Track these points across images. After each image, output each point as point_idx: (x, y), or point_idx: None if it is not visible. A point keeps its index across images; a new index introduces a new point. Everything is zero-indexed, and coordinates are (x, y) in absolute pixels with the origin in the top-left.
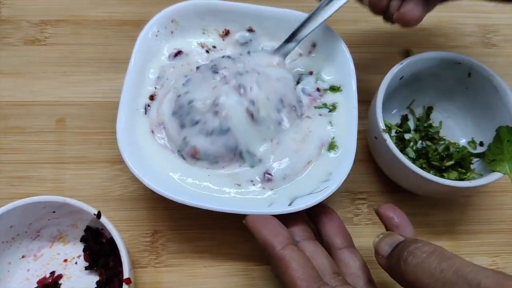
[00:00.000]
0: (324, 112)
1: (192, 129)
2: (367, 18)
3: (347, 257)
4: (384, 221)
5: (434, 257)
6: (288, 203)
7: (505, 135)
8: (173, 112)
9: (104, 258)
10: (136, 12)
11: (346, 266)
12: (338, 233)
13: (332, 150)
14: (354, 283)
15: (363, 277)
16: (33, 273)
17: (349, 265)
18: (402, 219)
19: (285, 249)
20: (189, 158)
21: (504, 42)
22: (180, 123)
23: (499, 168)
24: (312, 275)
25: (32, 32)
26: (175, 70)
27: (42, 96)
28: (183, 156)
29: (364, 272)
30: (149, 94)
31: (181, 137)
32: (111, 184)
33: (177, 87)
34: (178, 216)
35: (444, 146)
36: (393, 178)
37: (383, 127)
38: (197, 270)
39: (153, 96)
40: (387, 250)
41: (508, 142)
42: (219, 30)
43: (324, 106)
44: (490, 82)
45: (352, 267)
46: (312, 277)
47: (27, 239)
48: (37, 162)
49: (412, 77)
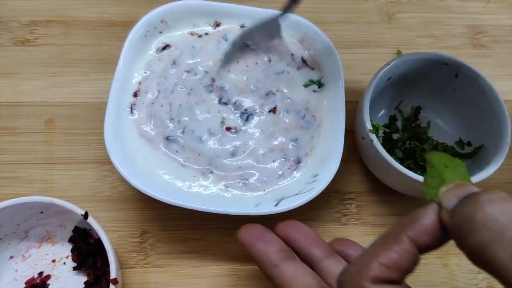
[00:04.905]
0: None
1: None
2: (356, 19)
3: (331, 266)
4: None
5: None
6: (274, 204)
7: (439, 161)
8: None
9: (92, 259)
10: (126, 12)
11: (333, 276)
12: (314, 244)
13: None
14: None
15: None
16: (21, 273)
17: (336, 274)
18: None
19: (277, 268)
20: (177, 140)
21: (493, 43)
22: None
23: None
24: (310, 285)
25: (21, 33)
26: (161, 62)
27: (31, 97)
28: (171, 141)
29: None
30: (133, 92)
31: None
32: (100, 184)
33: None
34: (167, 217)
35: (431, 146)
36: (381, 178)
37: (370, 128)
38: (185, 270)
39: (137, 93)
40: (453, 202)
41: (447, 167)
42: (210, 23)
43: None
44: (477, 83)
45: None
46: (311, 286)
47: (15, 239)
48: (25, 163)
49: (400, 77)
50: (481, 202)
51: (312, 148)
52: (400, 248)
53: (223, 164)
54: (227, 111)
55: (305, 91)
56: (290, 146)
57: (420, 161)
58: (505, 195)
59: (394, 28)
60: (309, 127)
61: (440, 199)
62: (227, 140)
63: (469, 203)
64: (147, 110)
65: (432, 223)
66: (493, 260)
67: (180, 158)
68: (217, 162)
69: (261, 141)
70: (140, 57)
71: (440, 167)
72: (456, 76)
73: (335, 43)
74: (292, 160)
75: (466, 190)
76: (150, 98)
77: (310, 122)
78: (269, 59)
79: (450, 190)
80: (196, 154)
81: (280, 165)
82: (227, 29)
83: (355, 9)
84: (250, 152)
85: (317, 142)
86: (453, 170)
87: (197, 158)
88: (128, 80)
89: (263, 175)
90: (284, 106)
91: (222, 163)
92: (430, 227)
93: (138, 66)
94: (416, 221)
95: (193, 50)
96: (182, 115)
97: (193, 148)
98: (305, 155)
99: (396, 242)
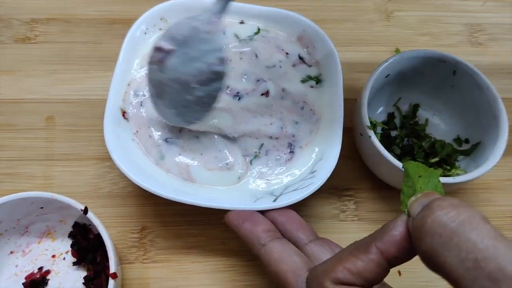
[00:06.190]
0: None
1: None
2: (355, 17)
3: (316, 250)
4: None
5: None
6: (273, 199)
7: (414, 170)
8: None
9: (91, 254)
10: (126, 10)
11: (317, 260)
12: (300, 229)
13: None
14: None
15: None
16: (21, 268)
17: (319, 259)
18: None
19: (264, 247)
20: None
21: (491, 41)
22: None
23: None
24: (298, 265)
25: (22, 30)
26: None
27: (32, 94)
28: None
29: None
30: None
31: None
32: (101, 180)
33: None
34: (167, 213)
35: (429, 143)
36: (379, 174)
37: (368, 124)
38: (185, 266)
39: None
40: (417, 211)
41: (420, 177)
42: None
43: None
44: (475, 80)
45: (323, 260)
46: (298, 267)
47: (16, 235)
48: (26, 159)
49: (398, 75)
50: (432, 208)
51: (310, 142)
52: (367, 258)
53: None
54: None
55: (302, 85)
56: (288, 130)
57: (418, 158)
58: (456, 202)
59: (392, 26)
60: (308, 120)
61: (408, 209)
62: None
63: (423, 209)
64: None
65: (400, 233)
66: (443, 264)
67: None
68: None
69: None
70: (139, 54)
71: (414, 177)
72: (454, 74)
73: (334, 41)
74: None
75: (430, 198)
76: (147, 95)
77: (309, 115)
78: (255, 55)
79: (418, 200)
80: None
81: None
82: (226, 23)
83: (354, 7)
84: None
85: (315, 137)
86: (426, 179)
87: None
88: (127, 77)
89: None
90: (278, 93)
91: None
92: (399, 238)
93: (137, 63)
94: (386, 232)
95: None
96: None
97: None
98: (300, 148)
99: (365, 251)
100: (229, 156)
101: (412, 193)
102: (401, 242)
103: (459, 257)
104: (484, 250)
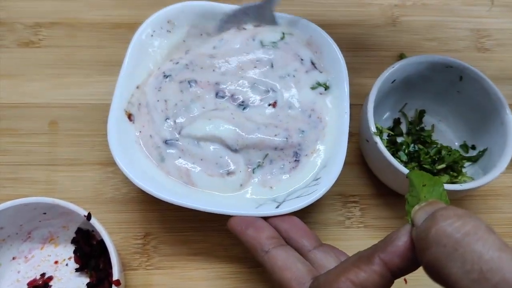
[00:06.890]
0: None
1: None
2: (361, 22)
3: (320, 257)
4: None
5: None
6: (275, 206)
7: (418, 180)
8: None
9: (94, 260)
10: (130, 15)
11: (321, 267)
12: (303, 235)
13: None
14: None
15: None
16: (24, 274)
17: (324, 266)
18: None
19: (268, 254)
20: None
21: (497, 46)
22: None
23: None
24: (301, 273)
25: (26, 35)
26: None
27: (35, 98)
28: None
29: None
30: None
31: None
32: (104, 186)
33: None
34: (170, 219)
35: (436, 150)
36: (385, 181)
37: (374, 130)
38: (188, 273)
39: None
40: (421, 221)
41: (425, 186)
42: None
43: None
44: (482, 86)
45: (327, 268)
46: (302, 274)
47: (18, 240)
48: (29, 164)
49: (404, 80)
50: (436, 218)
51: (315, 149)
52: (370, 269)
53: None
54: (224, 103)
55: (311, 92)
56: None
57: (425, 165)
58: (461, 212)
59: (398, 32)
60: (314, 128)
61: (412, 218)
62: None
63: (427, 219)
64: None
65: (404, 244)
66: (447, 275)
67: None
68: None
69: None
70: (145, 58)
71: (419, 186)
72: (460, 79)
73: (340, 46)
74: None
75: (434, 207)
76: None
77: (316, 122)
78: (271, 64)
79: (422, 208)
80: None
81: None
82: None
83: (360, 13)
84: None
85: (321, 144)
86: (431, 188)
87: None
88: (132, 82)
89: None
90: (286, 103)
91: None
92: (402, 248)
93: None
94: (389, 243)
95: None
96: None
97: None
98: (305, 156)
99: (368, 262)
100: (231, 164)
101: (417, 202)
102: (405, 252)
103: (464, 268)
104: (490, 261)
